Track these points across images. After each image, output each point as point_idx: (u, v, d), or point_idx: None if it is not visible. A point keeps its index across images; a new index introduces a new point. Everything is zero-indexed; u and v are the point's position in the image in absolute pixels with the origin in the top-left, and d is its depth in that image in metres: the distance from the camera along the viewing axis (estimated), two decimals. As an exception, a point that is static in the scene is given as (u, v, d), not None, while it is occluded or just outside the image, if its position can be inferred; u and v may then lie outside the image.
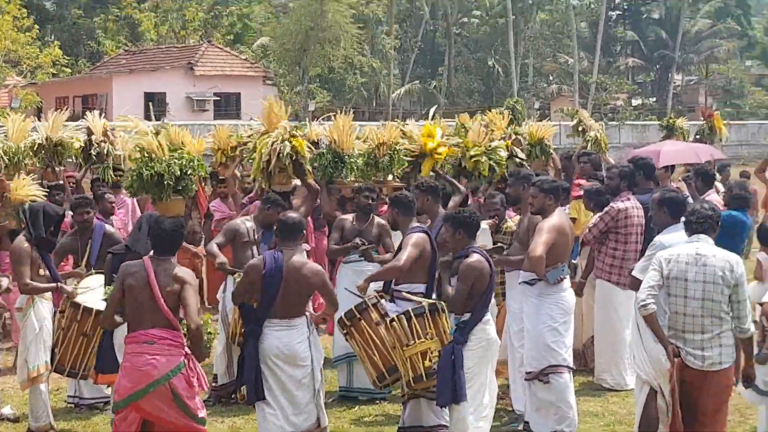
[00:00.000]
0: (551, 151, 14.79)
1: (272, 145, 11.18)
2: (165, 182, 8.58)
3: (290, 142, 11.24)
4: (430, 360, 8.60)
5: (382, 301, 9.44)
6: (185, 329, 7.59)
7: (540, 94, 68.19)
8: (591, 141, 16.68)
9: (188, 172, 8.68)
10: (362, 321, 9.33)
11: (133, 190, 9.14)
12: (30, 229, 9.50)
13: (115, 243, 9.96)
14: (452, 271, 8.72)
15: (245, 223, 10.72)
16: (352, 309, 9.44)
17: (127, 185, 9.26)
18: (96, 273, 9.70)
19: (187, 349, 7.62)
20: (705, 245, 7.72)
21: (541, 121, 15.83)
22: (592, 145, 16.57)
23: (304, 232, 8.85)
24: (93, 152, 13.49)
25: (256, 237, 10.66)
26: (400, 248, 9.56)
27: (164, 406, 7.48)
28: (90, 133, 13.63)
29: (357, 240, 10.73)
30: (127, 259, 8.37)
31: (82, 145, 13.61)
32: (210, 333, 8.16)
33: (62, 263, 10.84)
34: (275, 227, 8.81)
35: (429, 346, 8.63)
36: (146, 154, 9.03)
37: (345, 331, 9.49)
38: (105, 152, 13.55)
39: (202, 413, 7.70)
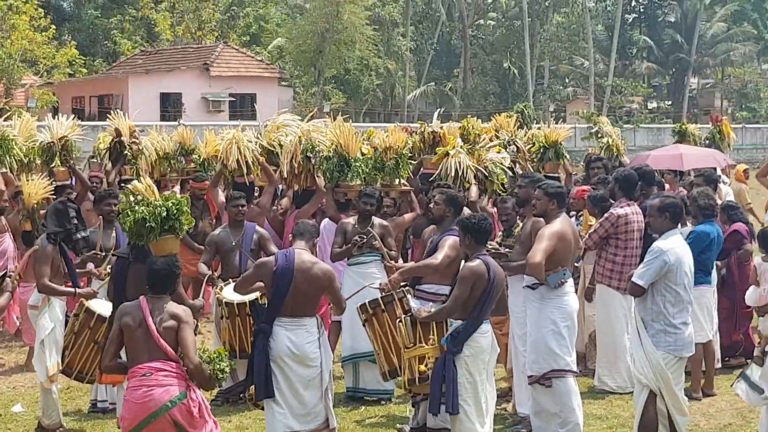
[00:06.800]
0: (565, 153, 14.87)
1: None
2: (148, 225, 8.39)
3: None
4: (426, 366, 8.62)
5: (409, 296, 9.40)
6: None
7: (555, 97, 68.14)
8: (604, 147, 16.83)
9: (175, 214, 8.43)
10: (386, 313, 9.45)
11: (126, 231, 8.93)
12: (49, 227, 9.62)
13: None
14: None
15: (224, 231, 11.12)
16: (377, 299, 9.53)
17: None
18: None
19: (188, 380, 7.43)
20: None
21: (556, 123, 15.90)
22: (605, 151, 16.72)
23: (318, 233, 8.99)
24: (128, 153, 13.58)
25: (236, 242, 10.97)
26: (435, 249, 9.53)
27: None
28: (118, 134, 13.66)
29: (356, 238, 10.81)
30: (131, 264, 8.65)
31: (108, 146, 13.73)
32: (221, 372, 7.54)
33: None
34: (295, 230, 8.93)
35: (427, 352, 8.65)
36: (133, 196, 8.72)
37: (365, 318, 9.55)
38: (135, 153, 13.71)
39: None
